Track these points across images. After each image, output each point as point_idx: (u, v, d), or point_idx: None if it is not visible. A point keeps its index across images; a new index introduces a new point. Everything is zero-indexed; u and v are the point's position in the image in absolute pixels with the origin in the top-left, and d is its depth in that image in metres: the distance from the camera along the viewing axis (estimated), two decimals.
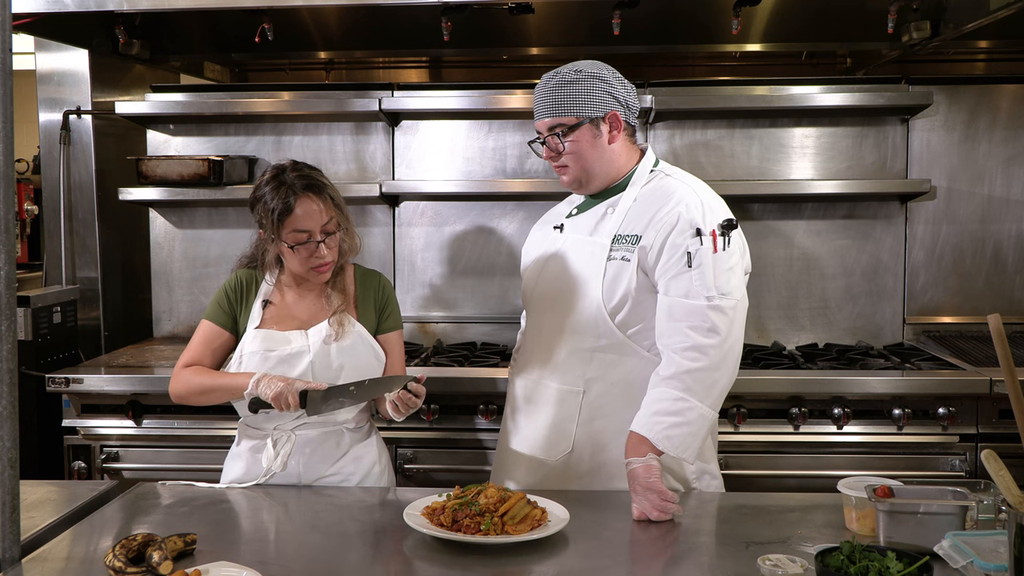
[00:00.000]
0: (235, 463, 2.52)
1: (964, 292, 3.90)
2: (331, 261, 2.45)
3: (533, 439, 2.48)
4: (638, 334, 2.37)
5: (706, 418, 2.23)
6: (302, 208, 2.38)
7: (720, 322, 2.25)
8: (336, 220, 2.44)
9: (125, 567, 1.76)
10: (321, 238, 2.40)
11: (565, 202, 2.65)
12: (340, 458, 2.49)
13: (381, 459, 2.59)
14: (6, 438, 1.77)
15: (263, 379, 2.32)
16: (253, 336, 2.45)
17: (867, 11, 3.63)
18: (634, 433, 2.22)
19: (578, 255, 2.44)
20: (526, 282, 2.61)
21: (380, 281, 2.61)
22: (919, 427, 3.21)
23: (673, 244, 2.29)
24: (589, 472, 2.41)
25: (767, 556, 1.81)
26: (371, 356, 2.51)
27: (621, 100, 2.40)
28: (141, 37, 3.93)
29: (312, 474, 2.46)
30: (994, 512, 1.82)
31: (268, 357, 2.41)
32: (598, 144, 2.39)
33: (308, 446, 2.45)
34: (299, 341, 2.44)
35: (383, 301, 2.58)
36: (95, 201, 3.91)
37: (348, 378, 2.42)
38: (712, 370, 2.23)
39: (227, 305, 2.50)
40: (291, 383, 2.30)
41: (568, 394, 2.42)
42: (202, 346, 2.48)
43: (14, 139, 1.77)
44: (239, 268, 2.58)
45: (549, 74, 2.41)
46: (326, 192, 2.44)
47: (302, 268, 2.44)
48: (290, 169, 2.45)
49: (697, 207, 2.32)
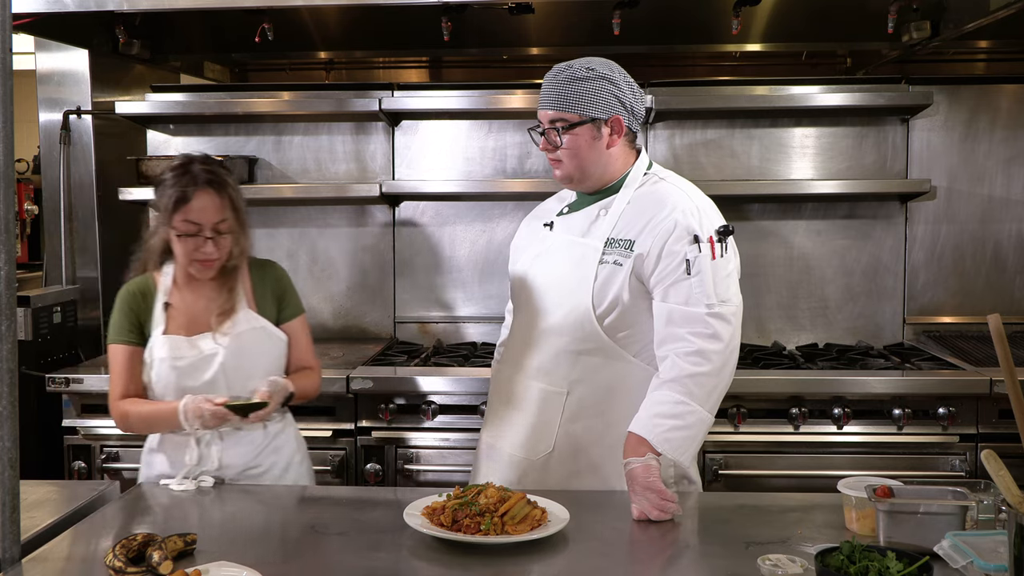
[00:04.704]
0: (154, 458, 2.53)
1: (964, 292, 3.90)
2: (216, 259, 2.45)
3: (515, 437, 2.47)
4: (626, 339, 2.36)
5: (705, 422, 2.23)
6: (199, 201, 2.40)
7: (722, 328, 2.25)
8: (230, 222, 2.44)
9: (125, 567, 1.76)
10: (210, 235, 2.41)
11: (554, 198, 2.63)
12: (261, 451, 2.51)
13: (301, 448, 2.64)
14: (6, 438, 1.76)
15: (188, 410, 2.35)
16: (162, 342, 2.46)
17: (867, 11, 3.63)
18: (633, 434, 2.21)
19: (569, 255, 2.42)
20: (514, 279, 2.60)
21: (276, 271, 2.64)
22: (919, 427, 3.21)
23: (670, 251, 2.28)
24: (570, 472, 2.40)
25: (767, 556, 1.81)
26: (278, 347, 2.55)
27: (627, 105, 2.37)
28: (141, 37, 3.93)
29: (234, 467, 2.47)
30: (994, 512, 1.82)
31: (176, 365, 2.44)
32: (596, 146, 2.37)
33: (229, 440, 2.47)
34: (205, 344, 2.46)
35: (280, 290, 2.61)
36: (95, 201, 3.91)
37: (263, 372, 2.47)
38: (714, 375, 2.23)
39: (129, 322, 2.49)
40: (211, 405, 2.33)
41: (552, 395, 2.41)
42: (125, 372, 2.47)
43: (14, 139, 1.77)
44: (134, 273, 2.57)
45: (561, 65, 2.37)
46: (227, 191, 2.44)
47: (185, 259, 2.45)
48: (199, 161, 2.47)
49: (693, 213, 2.31)
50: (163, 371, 2.45)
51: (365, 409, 3.28)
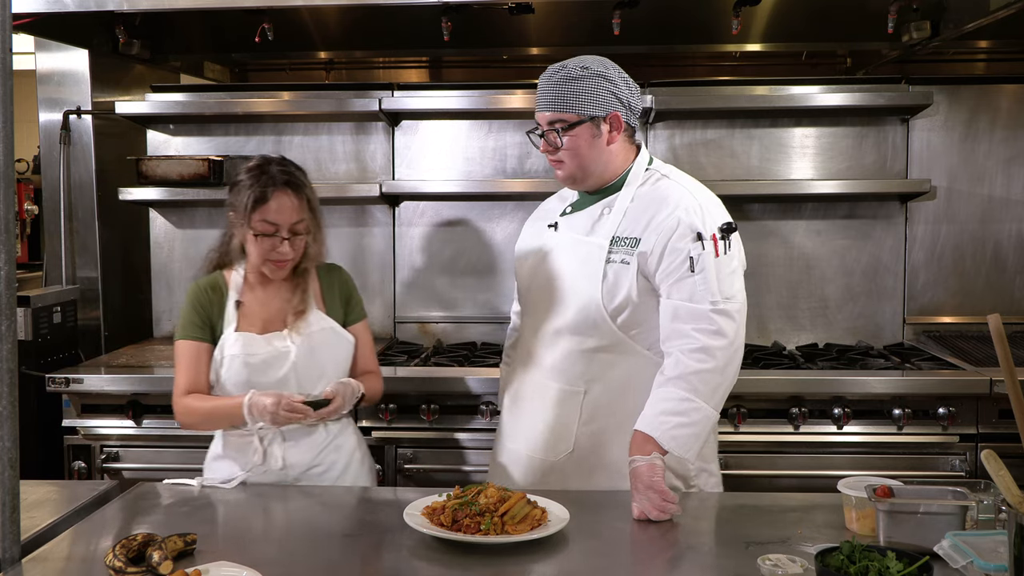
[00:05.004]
0: (218, 464, 2.52)
1: (964, 292, 3.90)
2: (290, 259, 2.46)
3: (533, 439, 2.48)
4: (639, 335, 2.37)
5: (710, 419, 2.24)
6: (277, 201, 2.41)
7: (726, 325, 2.25)
8: (307, 223, 2.45)
9: (125, 567, 1.76)
10: (287, 235, 2.42)
11: (556, 198, 2.63)
12: (323, 448, 2.51)
13: (360, 447, 2.64)
14: (6, 438, 1.77)
15: (253, 405, 2.35)
16: (234, 339, 2.46)
17: (867, 11, 3.63)
18: (639, 432, 2.21)
19: (575, 255, 2.43)
20: (521, 281, 2.61)
21: (342, 275, 2.66)
22: (919, 427, 3.21)
23: (674, 248, 2.29)
24: (590, 471, 2.40)
25: (767, 556, 1.82)
26: (346, 348, 2.56)
27: (624, 101, 2.38)
28: (141, 37, 3.93)
29: (297, 466, 2.47)
30: (994, 512, 1.82)
31: (249, 362, 2.44)
32: (596, 144, 2.37)
33: (292, 438, 2.47)
34: (279, 343, 2.47)
35: (347, 293, 2.63)
36: (95, 201, 3.91)
37: (332, 372, 2.49)
38: (718, 372, 2.24)
39: (200, 317, 2.49)
40: (279, 401, 2.33)
41: (569, 394, 2.42)
42: (192, 368, 2.47)
43: (14, 139, 1.77)
44: (204, 271, 2.59)
45: (556, 66, 2.38)
46: (304, 192, 2.46)
47: (260, 259, 2.46)
48: (276, 163, 2.47)
49: (696, 211, 2.32)
50: (235, 368, 2.44)
51: (365, 409, 3.28)
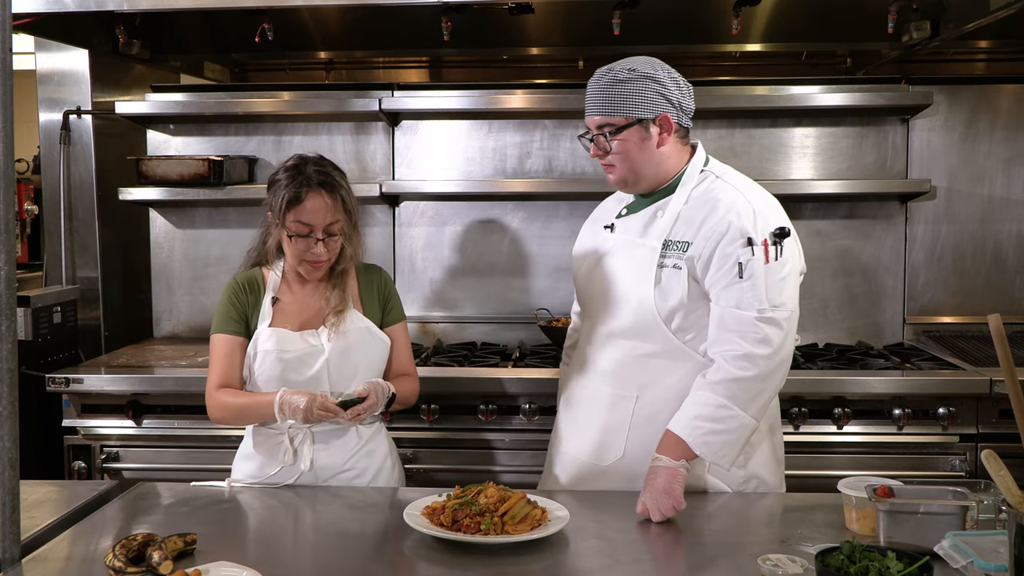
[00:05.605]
0: (246, 463, 2.50)
1: (964, 292, 3.90)
2: (326, 261, 2.45)
3: (585, 443, 2.45)
4: (694, 340, 2.33)
5: (747, 427, 2.21)
6: (312, 202, 2.39)
7: (772, 334, 2.21)
8: (342, 224, 2.44)
9: (125, 567, 1.76)
10: (322, 236, 2.41)
11: (613, 199, 2.60)
12: (355, 453, 2.49)
13: (392, 453, 2.62)
14: (6, 438, 1.77)
15: (284, 404, 2.33)
16: (268, 334, 2.45)
17: (867, 11, 3.63)
18: (671, 432, 2.20)
19: (630, 257, 2.40)
20: (578, 282, 2.58)
21: (382, 275, 2.65)
22: (919, 427, 3.21)
23: (723, 254, 2.25)
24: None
25: (767, 556, 1.82)
26: (381, 349, 2.53)
27: (674, 102, 2.33)
28: (141, 37, 3.93)
29: (328, 469, 2.45)
30: (994, 512, 1.82)
31: (283, 358, 2.42)
32: (646, 146, 2.33)
33: (323, 441, 2.45)
34: (313, 340, 2.45)
35: (386, 294, 2.61)
36: (95, 201, 3.91)
37: (365, 372, 2.46)
38: (760, 380, 2.21)
39: (236, 312, 2.48)
40: (313, 399, 2.31)
41: (621, 399, 2.38)
42: (226, 361, 2.46)
43: (14, 139, 1.77)
44: (243, 267, 2.58)
45: (603, 69, 2.35)
46: (339, 194, 2.44)
47: (295, 259, 2.45)
48: (313, 162, 2.46)
49: (748, 215, 2.27)
50: (268, 363, 2.43)
51: None
